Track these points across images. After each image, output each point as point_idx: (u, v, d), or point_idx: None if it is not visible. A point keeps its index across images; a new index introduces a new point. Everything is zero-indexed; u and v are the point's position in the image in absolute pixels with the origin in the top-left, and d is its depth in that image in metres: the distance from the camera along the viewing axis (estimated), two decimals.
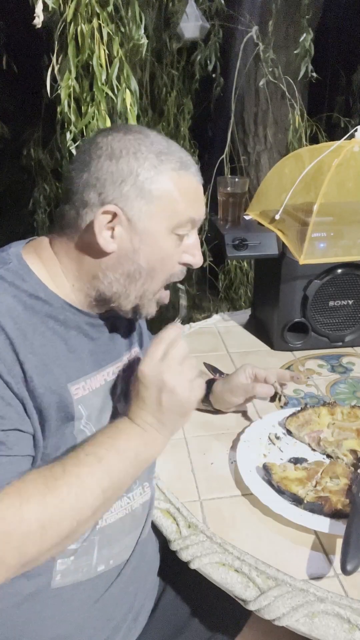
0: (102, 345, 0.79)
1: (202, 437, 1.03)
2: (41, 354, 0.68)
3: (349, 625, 0.65)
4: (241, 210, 1.41)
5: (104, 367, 0.79)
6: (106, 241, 0.71)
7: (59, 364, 0.70)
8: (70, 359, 0.73)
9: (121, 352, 0.84)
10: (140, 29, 1.85)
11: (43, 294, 0.72)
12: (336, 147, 1.22)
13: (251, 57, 2.64)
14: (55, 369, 0.70)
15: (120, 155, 0.70)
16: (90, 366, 0.76)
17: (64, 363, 0.71)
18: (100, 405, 0.77)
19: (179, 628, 0.86)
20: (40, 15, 1.68)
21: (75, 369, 0.73)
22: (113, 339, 0.83)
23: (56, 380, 0.69)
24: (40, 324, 0.70)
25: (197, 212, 0.76)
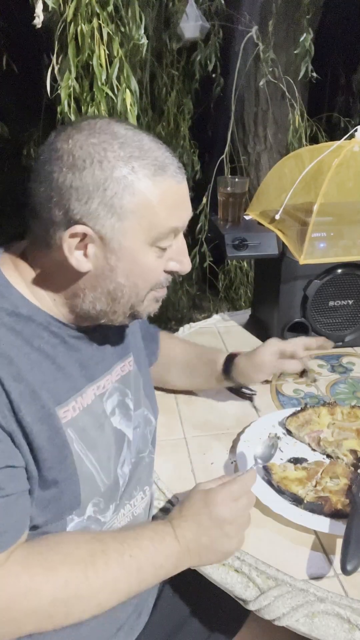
0: (92, 356, 0.75)
1: (202, 437, 1.03)
2: (28, 380, 0.64)
3: (349, 625, 0.65)
4: (241, 210, 1.41)
5: (95, 380, 0.75)
6: (79, 261, 0.65)
7: (47, 388, 0.66)
8: (59, 379, 0.69)
9: (112, 363, 0.80)
10: (140, 29, 1.85)
11: (25, 309, 0.66)
12: (336, 147, 1.22)
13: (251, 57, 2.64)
14: (43, 394, 0.65)
15: (83, 166, 0.61)
16: (81, 381, 0.73)
17: (53, 385, 0.67)
18: (92, 423, 0.73)
19: (178, 626, 0.86)
20: (40, 15, 1.68)
21: (65, 388, 0.69)
22: (103, 349, 0.78)
23: (43, 407, 0.65)
24: (24, 345, 0.65)
25: (179, 219, 0.69)
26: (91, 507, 0.73)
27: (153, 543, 0.67)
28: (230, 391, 1.18)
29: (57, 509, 0.68)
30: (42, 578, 0.60)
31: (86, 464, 0.71)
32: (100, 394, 0.77)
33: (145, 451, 0.86)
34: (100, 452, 0.74)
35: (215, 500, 0.70)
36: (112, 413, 0.79)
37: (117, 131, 0.64)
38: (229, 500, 0.70)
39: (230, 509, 0.70)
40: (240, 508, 0.71)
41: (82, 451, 0.70)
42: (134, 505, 0.82)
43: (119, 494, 0.78)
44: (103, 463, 0.74)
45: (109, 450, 0.76)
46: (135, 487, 0.83)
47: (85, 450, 0.71)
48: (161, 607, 0.88)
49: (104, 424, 0.76)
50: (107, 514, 0.76)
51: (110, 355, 0.80)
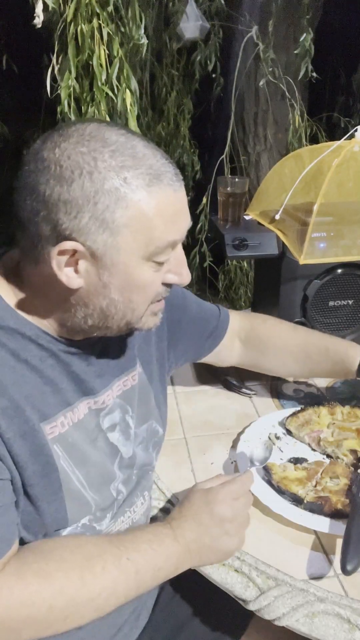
0: (87, 372, 0.72)
1: (202, 437, 1.03)
2: (11, 394, 0.62)
3: (349, 625, 0.65)
4: (241, 210, 1.41)
5: (91, 395, 0.73)
6: (69, 278, 0.61)
7: (32, 403, 0.64)
8: (46, 393, 0.66)
9: (112, 378, 0.77)
10: (140, 29, 1.85)
11: (12, 321, 0.64)
12: (336, 147, 1.22)
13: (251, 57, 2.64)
14: (28, 409, 0.63)
15: (72, 178, 0.57)
16: (73, 395, 0.70)
17: (39, 400, 0.65)
18: (82, 439, 0.71)
19: (179, 627, 0.86)
20: (40, 15, 1.68)
21: (54, 403, 0.67)
22: (101, 364, 0.75)
23: (27, 422, 0.63)
24: (9, 358, 0.62)
25: (178, 231, 0.64)
26: (87, 520, 0.72)
27: (152, 545, 0.67)
28: (230, 391, 1.18)
29: (41, 526, 0.67)
30: (37, 587, 0.59)
31: (73, 481, 0.69)
32: (98, 409, 0.74)
33: (149, 464, 0.84)
34: (89, 468, 0.71)
35: (215, 498, 0.70)
36: (110, 429, 0.76)
37: (108, 138, 0.59)
38: (229, 499, 0.71)
39: (231, 507, 0.70)
40: (240, 507, 0.71)
41: (68, 468, 0.68)
42: (133, 512, 0.81)
43: (115, 504, 0.76)
44: (93, 480, 0.72)
45: (100, 467, 0.74)
46: (137, 495, 0.82)
47: (73, 467, 0.69)
48: (161, 608, 0.88)
49: (97, 439, 0.74)
50: (104, 522, 0.75)
51: (110, 369, 0.77)
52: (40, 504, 0.65)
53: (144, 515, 0.84)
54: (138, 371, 0.83)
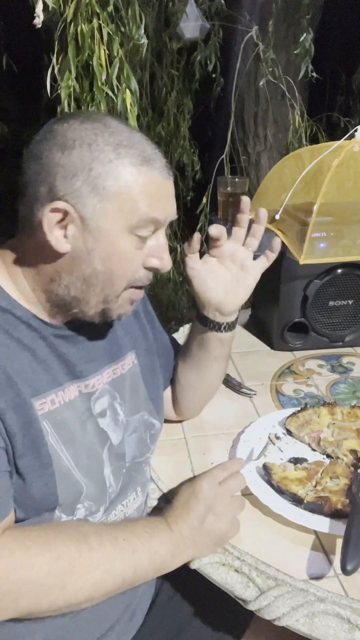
0: (77, 357, 0.75)
1: (202, 437, 1.03)
2: (4, 367, 0.64)
3: (349, 625, 0.65)
4: None
5: (81, 379, 0.75)
6: (58, 241, 0.66)
7: (24, 378, 0.67)
8: (37, 371, 0.69)
9: (102, 363, 0.80)
10: (140, 29, 1.85)
11: (5, 302, 0.68)
12: (336, 147, 1.22)
13: (251, 57, 2.64)
14: (19, 383, 0.66)
15: (73, 146, 0.64)
16: (63, 377, 0.73)
17: (30, 376, 0.68)
18: (73, 419, 0.73)
19: (178, 629, 0.86)
20: (40, 15, 1.68)
21: (44, 381, 0.70)
22: (91, 350, 0.78)
23: (18, 395, 0.66)
24: (2, 335, 0.66)
25: (161, 211, 0.69)
26: (83, 510, 0.73)
27: (146, 530, 0.69)
28: (230, 391, 1.18)
29: (31, 501, 0.68)
30: (36, 551, 0.61)
31: (62, 459, 0.71)
32: (88, 392, 0.77)
33: (142, 457, 0.85)
34: (77, 449, 0.73)
35: (200, 484, 0.75)
36: (101, 414, 0.78)
37: (110, 123, 0.67)
38: (213, 483, 0.75)
39: (213, 490, 0.75)
40: (225, 488, 0.76)
41: (57, 445, 0.70)
42: (126, 506, 0.81)
43: (107, 496, 0.77)
44: (82, 461, 0.73)
45: (89, 450, 0.75)
46: (130, 489, 0.82)
47: (61, 445, 0.71)
48: (159, 609, 0.88)
49: (87, 423, 0.76)
50: (97, 516, 0.76)
51: (100, 356, 0.80)
52: (29, 477, 0.67)
53: (137, 512, 0.84)
54: (130, 361, 0.85)
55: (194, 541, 0.72)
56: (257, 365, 1.30)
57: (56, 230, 0.66)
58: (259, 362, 1.32)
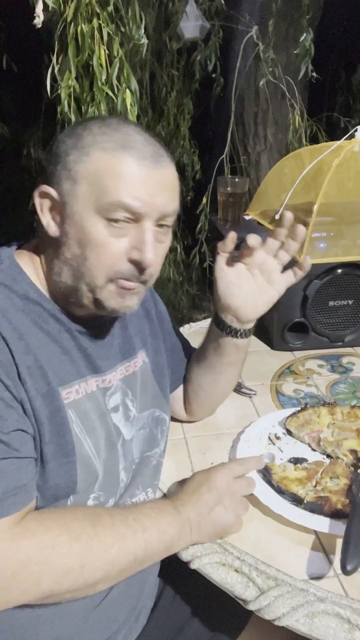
0: (96, 352, 0.78)
1: (202, 437, 1.03)
2: (35, 356, 0.68)
3: (349, 625, 0.65)
4: (241, 210, 1.42)
5: (99, 374, 0.78)
6: (48, 223, 0.70)
7: (52, 367, 0.70)
8: (64, 361, 0.72)
9: (116, 362, 0.82)
10: (141, 29, 1.85)
11: (35, 295, 0.71)
12: (336, 147, 1.22)
13: (251, 57, 2.64)
14: (49, 372, 0.69)
15: (63, 139, 0.70)
16: (85, 370, 0.76)
17: (57, 365, 0.71)
18: (94, 410, 0.76)
19: (179, 628, 0.86)
20: (41, 15, 1.68)
21: (70, 371, 0.73)
22: (107, 347, 0.81)
23: (48, 384, 0.69)
24: (32, 326, 0.69)
25: (133, 196, 0.67)
26: (92, 501, 0.75)
27: (154, 510, 0.71)
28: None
29: (52, 488, 0.70)
30: (57, 531, 0.63)
31: (85, 447, 0.73)
32: (104, 387, 0.79)
33: (150, 451, 0.86)
34: (98, 439, 0.76)
35: (215, 474, 0.77)
36: (114, 409, 0.81)
37: (112, 122, 0.70)
38: (229, 475, 0.78)
39: (228, 482, 0.77)
40: (238, 485, 0.78)
41: (80, 433, 0.73)
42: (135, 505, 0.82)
43: (118, 489, 0.79)
44: (100, 451, 0.76)
45: (107, 441, 0.78)
46: (137, 486, 0.83)
47: (84, 434, 0.73)
48: (161, 609, 0.88)
49: (105, 416, 0.79)
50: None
51: (114, 354, 0.83)
52: (52, 464, 0.69)
53: None
54: (141, 359, 0.88)
55: (199, 526, 0.74)
56: (257, 365, 1.30)
57: (47, 214, 0.70)
58: (259, 362, 1.32)
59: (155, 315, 0.95)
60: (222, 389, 1.02)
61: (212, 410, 1.07)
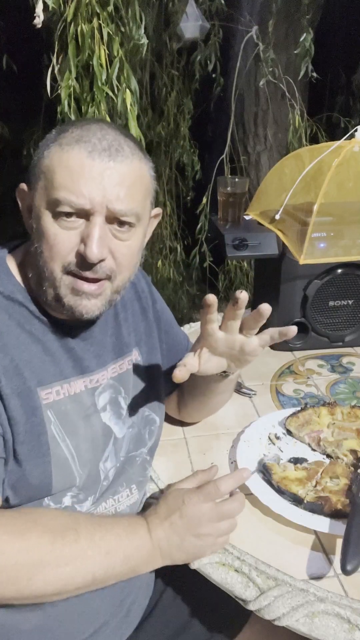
0: (85, 351, 0.78)
1: (202, 437, 1.03)
2: (13, 356, 0.68)
3: (349, 625, 0.65)
4: (241, 210, 1.41)
5: (86, 374, 0.78)
6: (25, 218, 0.73)
7: (31, 368, 0.70)
8: (46, 362, 0.72)
9: (108, 359, 0.82)
10: (141, 29, 1.85)
11: (20, 296, 0.72)
12: (336, 147, 1.22)
13: (251, 57, 2.64)
14: (26, 372, 0.69)
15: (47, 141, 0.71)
16: (70, 371, 0.76)
17: (38, 366, 0.71)
18: (76, 412, 0.76)
19: (179, 628, 0.86)
20: (41, 15, 1.68)
21: (51, 372, 0.73)
22: (98, 345, 0.81)
23: (24, 384, 0.69)
24: (15, 326, 0.70)
25: (77, 192, 0.65)
26: (69, 498, 0.75)
27: (125, 531, 0.69)
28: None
29: (27, 488, 0.69)
30: (9, 539, 0.62)
31: (62, 448, 0.72)
32: (93, 387, 0.79)
33: (136, 451, 0.86)
34: (80, 441, 0.75)
35: (189, 500, 0.72)
36: (103, 409, 0.80)
37: (87, 121, 0.72)
38: (203, 502, 0.72)
39: (200, 510, 0.71)
40: (212, 510, 0.72)
41: (59, 435, 0.72)
42: (117, 501, 0.82)
43: (99, 488, 0.79)
44: (82, 453, 0.75)
45: (92, 443, 0.77)
46: (121, 483, 0.83)
47: (64, 435, 0.73)
48: (161, 610, 0.88)
49: (91, 417, 0.78)
50: (85, 505, 0.77)
51: (107, 352, 0.82)
52: (27, 464, 0.69)
53: (130, 509, 0.84)
54: (135, 358, 0.87)
55: (170, 554, 0.72)
56: (257, 365, 1.30)
57: (25, 212, 0.73)
58: (259, 362, 1.32)
59: (153, 313, 0.94)
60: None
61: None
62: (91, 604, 0.76)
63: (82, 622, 0.76)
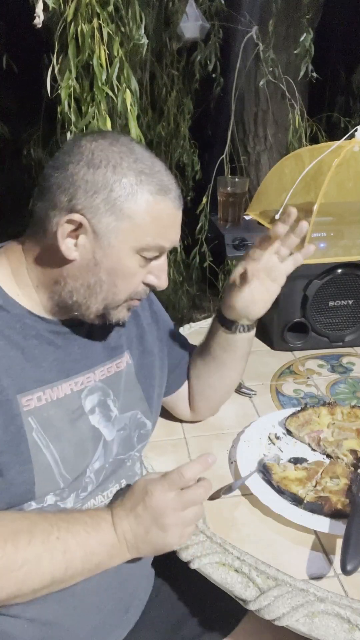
0: (71, 353, 0.78)
1: (202, 437, 1.03)
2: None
3: (349, 625, 0.65)
4: (241, 210, 1.42)
5: (72, 376, 0.77)
6: (68, 248, 0.69)
7: (11, 374, 0.69)
8: (26, 369, 0.71)
9: (96, 361, 0.82)
10: (141, 29, 1.85)
11: (1, 300, 0.71)
12: (336, 147, 1.22)
13: (251, 57, 2.64)
14: (4, 380, 0.69)
15: (99, 165, 0.68)
16: (54, 375, 0.75)
17: (17, 373, 0.70)
18: (60, 416, 0.75)
19: (177, 623, 0.86)
20: (41, 15, 1.68)
21: (32, 379, 0.72)
22: (86, 347, 0.80)
23: (1, 392, 0.68)
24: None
25: (168, 239, 0.74)
26: (52, 496, 0.73)
27: (86, 528, 0.68)
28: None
29: (9, 496, 0.69)
30: None
31: (44, 454, 0.71)
32: (79, 390, 0.78)
33: (125, 454, 0.85)
34: (64, 446, 0.74)
35: (153, 490, 0.69)
36: (91, 411, 0.79)
37: (135, 149, 0.71)
38: (166, 491, 0.69)
39: (165, 499, 0.69)
40: (176, 499, 0.69)
41: (41, 441, 0.71)
42: (107, 497, 0.81)
43: (86, 487, 0.78)
44: (67, 458, 0.74)
45: (79, 446, 0.76)
46: (111, 481, 0.82)
47: (47, 441, 0.72)
48: (158, 607, 0.88)
49: (78, 420, 0.77)
50: (69, 501, 0.75)
51: (96, 354, 0.82)
52: (9, 473, 0.68)
53: None
54: (125, 361, 0.87)
55: (137, 547, 0.70)
56: (257, 365, 1.30)
57: (68, 238, 0.69)
58: (259, 362, 1.32)
59: (150, 314, 0.95)
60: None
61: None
62: (91, 601, 0.76)
63: (81, 618, 0.76)
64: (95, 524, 0.69)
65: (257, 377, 1.24)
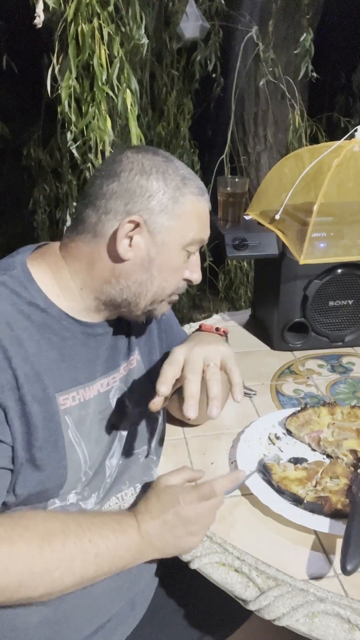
0: (100, 355, 0.81)
1: (202, 437, 1.03)
2: (33, 362, 0.71)
3: (349, 625, 0.65)
4: (241, 210, 1.41)
5: (99, 378, 0.81)
6: (125, 249, 0.74)
7: (50, 374, 0.73)
8: (62, 369, 0.75)
9: (118, 362, 0.85)
10: (141, 29, 1.85)
11: (42, 302, 0.74)
12: (336, 147, 1.22)
13: (251, 57, 2.64)
14: (46, 378, 0.72)
15: (150, 172, 0.75)
16: (85, 376, 0.78)
17: (56, 373, 0.74)
18: (90, 416, 0.78)
19: (182, 622, 0.87)
20: (41, 15, 1.68)
21: (67, 379, 0.75)
22: (112, 348, 0.84)
23: (44, 390, 0.72)
24: (35, 332, 0.72)
25: (206, 234, 0.83)
26: (74, 495, 0.77)
27: (115, 534, 0.70)
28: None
29: (42, 491, 0.72)
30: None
31: (77, 452, 0.76)
32: (106, 390, 0.82)
33: (138, 448, 0.88)
34: (92, 445, 0.78)
35: (184, 499, 0.73)
36: (114, 407, 0.83)
37: (172, 158, 0.80)
38: (197, 501, 0.73)
39: (196, 510, 0.73)
40: (206, 509, 0.74)
41: (75, 439, 0.75)
42: (122, 499, 0.84)
43: (103, 485, 0.81)
44: (93, 455, 0.78)
45: (101, 444, 0.81)
46: (124, 482, 0.85)
47: (79, 439, 0.76)
48: (158, 607, 0.88)
49: (104, 419, 0.81)
50: (89, 502, 0.79)
51: (118, 355, 0.85)
52: (46, 470, 0.71)
53: None
54: (135, 358, 0.90)
55: (162, 550, 0.73)
56: (257, 365, 1.30)
57: (125, 239, 0.75)
58: (259, 362, 1.32)
59: None
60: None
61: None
62: (98, 599, 0.77)
63: (88, 616, 0.77)
64: (123, 530, 0.71)
65: (257, 377, 1.24)
